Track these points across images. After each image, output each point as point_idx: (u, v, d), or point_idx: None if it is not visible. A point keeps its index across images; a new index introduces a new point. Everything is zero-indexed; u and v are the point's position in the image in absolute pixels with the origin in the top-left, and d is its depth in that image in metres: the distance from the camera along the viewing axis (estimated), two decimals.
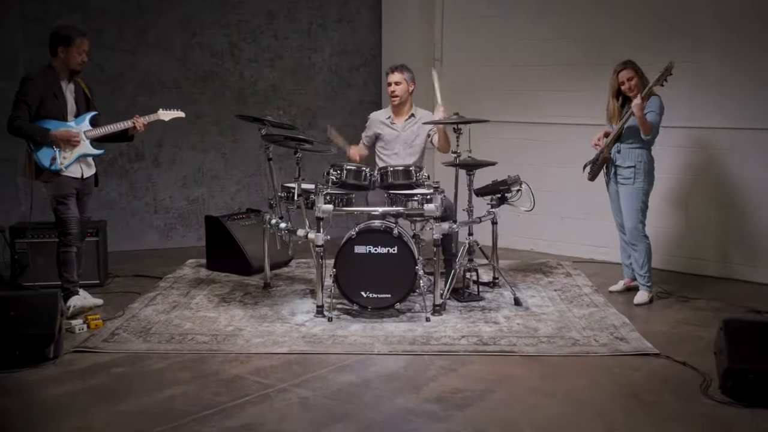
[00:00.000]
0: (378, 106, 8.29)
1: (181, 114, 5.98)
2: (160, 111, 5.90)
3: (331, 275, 5.50)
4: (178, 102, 7.64)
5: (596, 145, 6.07)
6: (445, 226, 5.61)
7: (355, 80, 8.53)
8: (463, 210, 5.95)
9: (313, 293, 6.13)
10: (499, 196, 6.16)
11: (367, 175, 5.67)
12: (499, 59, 7.95)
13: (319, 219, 5.47)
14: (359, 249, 5.43)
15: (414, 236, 6.01)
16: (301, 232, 5.71)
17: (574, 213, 7.61)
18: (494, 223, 6.27)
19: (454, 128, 5.67)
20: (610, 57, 7.07)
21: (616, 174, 5.96)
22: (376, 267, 5.42)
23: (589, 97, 7.25)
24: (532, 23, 7.77)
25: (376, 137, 6.38)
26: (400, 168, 5.68)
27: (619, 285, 6.30)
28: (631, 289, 6.23)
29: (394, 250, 5.42)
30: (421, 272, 5.46)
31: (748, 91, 6.59)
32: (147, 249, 7.83)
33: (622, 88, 5.86)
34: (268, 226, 6.13)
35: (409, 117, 6.35)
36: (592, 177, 6.15)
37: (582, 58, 7.45)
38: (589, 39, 7.41)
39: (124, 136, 5.82)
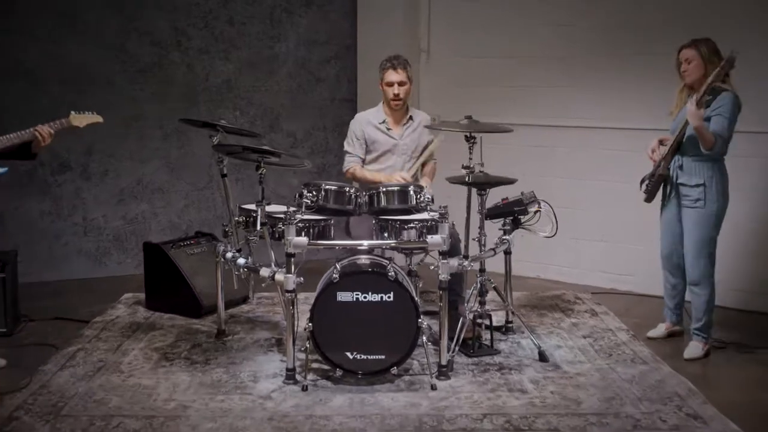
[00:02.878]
0: (353, 105, 7.09)
1: (98, 119, 4.63)
2: (73, 114, 4.54)
3: (306, 329, 4.18)
4: (113, 101, 6.42)
5: (652, 158, 4.85)
6: (454, 263, 4.32)
7: (325, 75, 7.24)
8: (473, 239, 4.66)
9: (280, 343, 4.84)
10: (512, 218, 4.96)
11: (352, 197, 4.37)
12: (498, 51, 6.69)
13: (289, 256, 4.15)
14: (343, 296, 4.13)
15: (409, 273, 4.73)
16: (265, 272, 4.39)
17: (590, 234, 6.40)
18: (508, 252, 5.02)
19: (466, 137, 4.39)
20: (630, 46, 6.08)
21: (678, 195, 4.74)
22: (366, 320, 4.14)
23: (606, 95, 6.26)
24: (536, 9, 6.54)
25: (366, 146, 5.09)
26: (395, 188, 4.39)
27: (660, 330, 5.08)
28: (674, 335, 5.07)
29: (389, 297, 4.13)
30: (424, 325, 4.18)
31: None
32: (75, 279, 6.43)
33: (680, 70, 4.66)
34: (223, 260, 4.80)
35: (408, 121, 5.09)
36: (650, 197, 4.94)
37: (598, 49, 6.28)
38: (605, 26, 6.23)
39: (24, 152, 4.42)
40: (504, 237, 4.91)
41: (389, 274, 4.12)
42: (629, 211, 5.91)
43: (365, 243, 4.36)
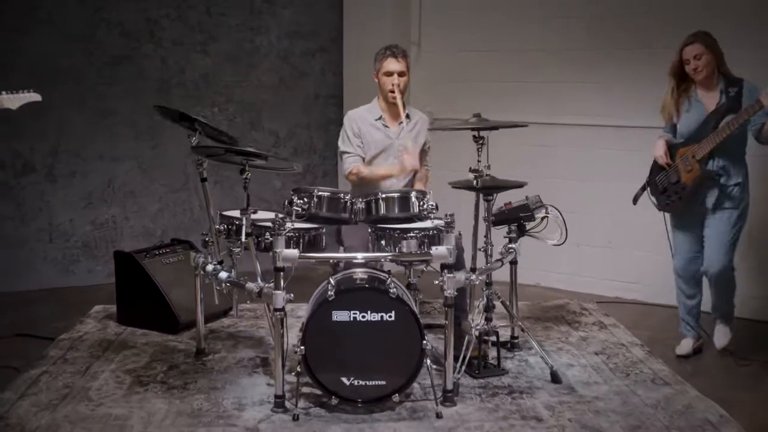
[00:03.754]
0: (338, 101, 6.69)
1: (35, 97, 4.13)
2: (4, 95, 4.05)
3: (297, 351, 3.74)
4: (80, 96, 6.01)
5: (668, 163, 4.52)
6: (461, 277, 3.91)
7: (309, 69, 6.80)
8: (480, 249, 4.25)
9: (266, 363, 4.42)
10: (517, 225, 4.57)
11: (348, 204, 3.93)
12: (494, 44, 6.27)
13: (278, 270, 3.71)
14: (339, 315, 3.70)
15: (408, 286, 4.30)
16: (251, 287, 3.95)
17: (594, 239, 6.01)
18: (513, 262, 4.62)
19: (474, 136, 3.98)
20: (638, 39, 5.73)
21: (718, 198, 4.41)
22: (364, 341, 3.71)
23: (611, 90, 5.87)
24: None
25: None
26: (395, 195, 3.95)
27: (688, 346, 4.70)
28: (697, 351, 4.71)
29: (390, 317, 3.71)
30: (429, 347, 3.76)
31: None
32: (41, 290, 5.94)
33: (687, 68, 4.37)
34: (202, 273, 4.35)
35: (405, 119, 4.67)
36: (680, 209, 4.58)
37: (601, 42, 5.88)
38: (610, 18, 5.85)
39: None
40: (510, 246, 4.51)
41: (390, 291, 3.69)
42: (635, 214, 5.50)
43: (360, 256, 3.93)
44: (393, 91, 4.57)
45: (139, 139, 6.25)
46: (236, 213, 4.21)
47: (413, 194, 3.91)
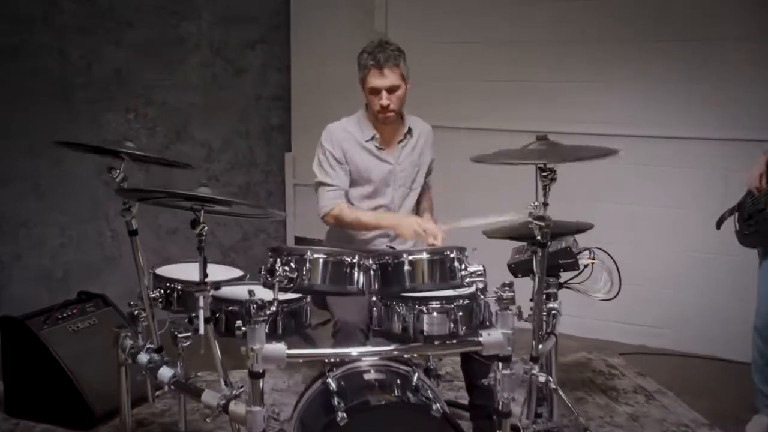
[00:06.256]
0: (285, 104, 5.73)
1: None
2: None
3: None
4: None
5: (759, 188, 3.60)
6: (520, 371, 2.74)
7: (248, 64, 5.71)
8: (521, 317, 3.07)
9: None
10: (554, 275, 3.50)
11: (355, 268, 2.66)
12: (480, 35, 5.30)
13: (257, 376, 2.43)
14: None
15: (427, 371, 3.10)
16: (210, 398, 2.67)
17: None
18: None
19: (541, 169, 2.82)
20: (669, 30, 4.83)
21: None
22: None
23: (626, 92, 5.00)
24: None
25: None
26: (426, 257, 2.67)
27: (763, 424, 3.68)
28: None
29: None
30: None
31: None
32: None
33: None
34: (130, 361, 3.04)
35: (405, 136, 3.55)
36: (755, 243, 3.69)
37: (615, 33, 5.00)
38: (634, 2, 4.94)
39: None
40: (552, 306, 3.37)
41: (432, 406, 2.46)
42: (663, 243, 4.60)
43: (370, 351, 2.71)
44: (383, 112, 3.40)
45: (35, 157, 4.91)
46: (174, 271, 3.00)
47: (453, 255, 2.67)
